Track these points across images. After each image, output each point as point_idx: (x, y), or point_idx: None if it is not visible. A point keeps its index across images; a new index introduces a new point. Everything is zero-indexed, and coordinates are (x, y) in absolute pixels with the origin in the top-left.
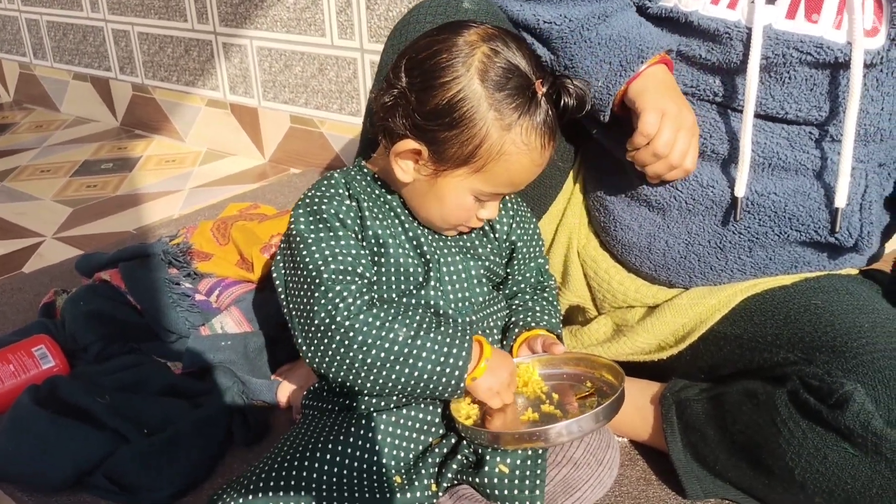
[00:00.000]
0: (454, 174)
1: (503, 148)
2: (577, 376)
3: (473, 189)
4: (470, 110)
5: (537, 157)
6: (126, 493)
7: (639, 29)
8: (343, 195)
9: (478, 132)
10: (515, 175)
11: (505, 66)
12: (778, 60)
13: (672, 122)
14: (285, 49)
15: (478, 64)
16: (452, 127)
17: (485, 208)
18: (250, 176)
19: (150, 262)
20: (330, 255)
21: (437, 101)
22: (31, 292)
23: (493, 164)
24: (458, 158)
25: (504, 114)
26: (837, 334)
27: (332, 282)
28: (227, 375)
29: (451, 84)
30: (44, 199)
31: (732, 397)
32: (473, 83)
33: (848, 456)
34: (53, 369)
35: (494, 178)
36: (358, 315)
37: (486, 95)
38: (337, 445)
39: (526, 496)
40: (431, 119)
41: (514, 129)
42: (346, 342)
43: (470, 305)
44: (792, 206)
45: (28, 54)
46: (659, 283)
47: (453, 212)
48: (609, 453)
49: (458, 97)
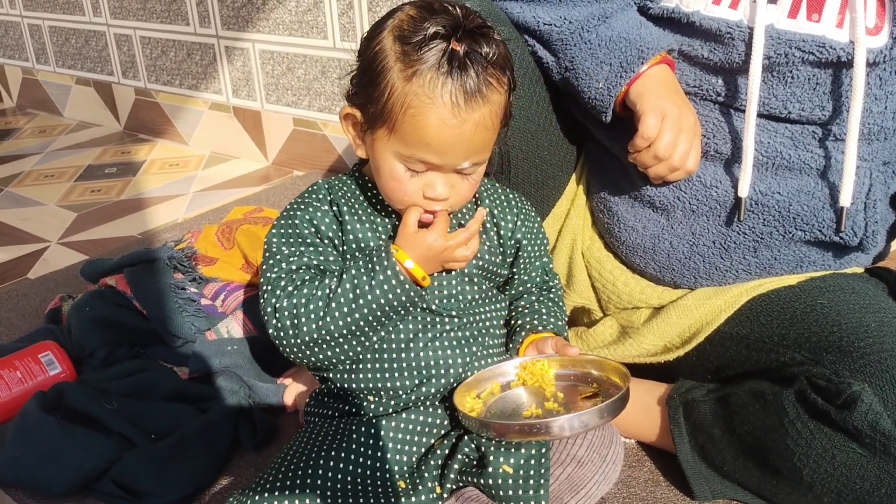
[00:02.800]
0: (378, 137)
1: (407, 100)
2: (585, 377)
3: (395, 153)
4: (379, 63)
5: (447, 115)
6: (134, 498)
7: (639, 29)
8: (322, 200)
9: (385, 85)
10: (428, 134)
11: (419, 24)
12: (780, 60)
13: (673, 124)
14: (288, 52)
15: (396, 22)
16: (370, 84)
17: (429, 184)
18: (254, 179)
19: (156, 266)
20: (283, 260)
21: (362, 62)
22: (37, 298)
23: (401, 119)
24: (376, 117)
25: (406, 64)
26: (844, 334)
27: (279, 279)
28: (233, 379)
29: (371, 42)
30: (48, 204)
31: (740, 398)
32: (387, 39)
33: (856, 456)
34: (60, 375)
35: (408, 138)
36: (294, 292)
37: (394, 49)
38: (340, 452)
39: (531, 496)
40: (358, 80)
41: (416, 79)
42: (291, 320)
43: (457, 303)
44: (796, 205)
45: (31, 59)
46: (664, 283)
47: (389, 183)
48: (613, 449)
49: (373, 52)
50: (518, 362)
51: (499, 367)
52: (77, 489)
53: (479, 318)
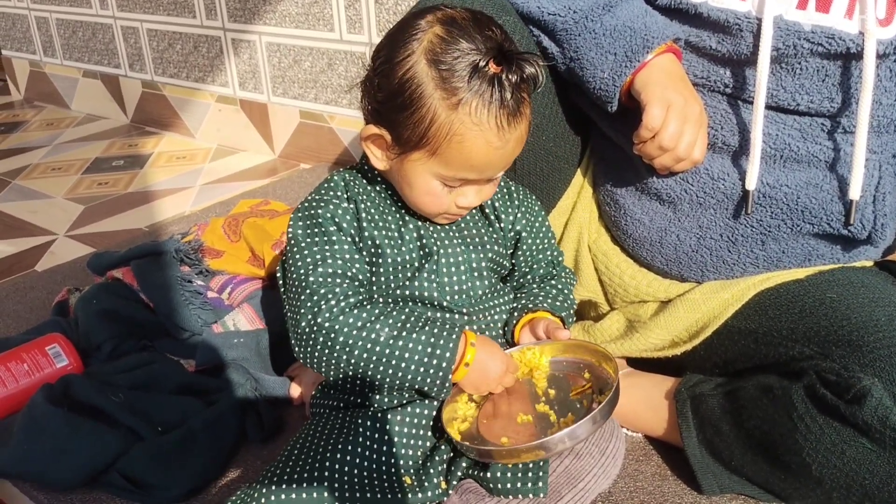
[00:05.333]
0: (414, 158)
1: (452, 128)
2: (577, 364)
3: (435, 173)
4: (416, 90)
5: (493, 139)
6: (140, 490)
7: (644, 18)
8: (341, 197)
9: (426, 113)
10: (474, 158)
11: (453, 46)
12: (789, 51)
13: (678, 114)
14: (294, 44)
15: (426, 44)
16: (403, 109)
17: (462, 195)
18: (261, 172)
19: (162, 259)
20: (320, 259)
21: (390, 83)
22: (44, 291)
23: (446, 145)
24: (412, 141)
25: (450, 93)
26: (854, 328)
27: (318, 285)
28: (240, 372)
29: (400, 65)
30: (55, 197)
31: (748, 392)
32: (420, 63)
33: (866, 451)
34: (67, 368)
35: (451, 162)
36: (339, 316)
37: (431, 75)
38: (348, 445)
39: (529, 488)
40: (386, 102)
41: (462, 108)
42: (329, 343)
43: (467, 298)
44: (804, 198)
45: (38, 52)
46: (671, 277)
47: (423, 198)
48: (613, 443)
49: (406, 77)
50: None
51: None
52: (84, 482)
53: (486, 314)
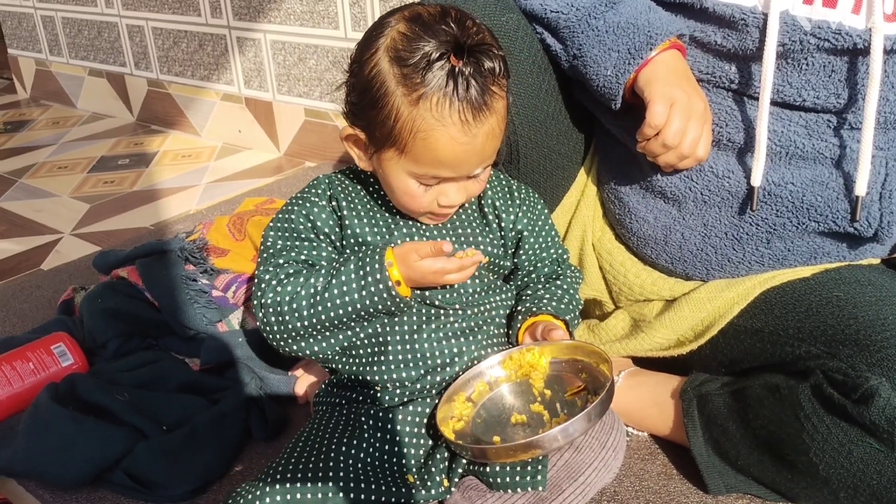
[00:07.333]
0: (387, 157)
1: (416, 125)
2: (575, 365)
3: (409, 172)
4: (381, 88)
5: (457, 134)
6: (145, 489)
7: (648, 14)
8: (321, 196)
9: (391, 110)
10: (441, 154)
11: (414, 43)
12: (795, 47)
13: (681, 111)
14: (299, 42)
15: (389, 42)
16: (372, 107)
17: (443, 194)
18: (266, 170)
19: (167, 258)
20: (274, 254)
21: (359, 82)
22: (50, 289)
23: (412, 142)
24: (382, 140)
25: (411, 89)
26: (861, 327)
27: (263, 273)
28: (244, 371)
29: (366, 64)
30: (61, 195)
31: (754, 392)
32: (383, 61)
33: (873, 451)
34: (72, 367)
35: (420, 159)
36: (277, 288)
37: (393, 72)
38: (352, 440)
39: (528, 482)
40: (358, 101)
41: (423, 103)
42: (279, 316)
43: (459, 296)
44: (810, 195)
45: (44, 51)
46: (676, 275)
47: (403, 198)
48: (613, 436)
49: (371, 76)
50: (500, 357)
51: (486, 363)
52: (89, 480)
53: (482, 309)
